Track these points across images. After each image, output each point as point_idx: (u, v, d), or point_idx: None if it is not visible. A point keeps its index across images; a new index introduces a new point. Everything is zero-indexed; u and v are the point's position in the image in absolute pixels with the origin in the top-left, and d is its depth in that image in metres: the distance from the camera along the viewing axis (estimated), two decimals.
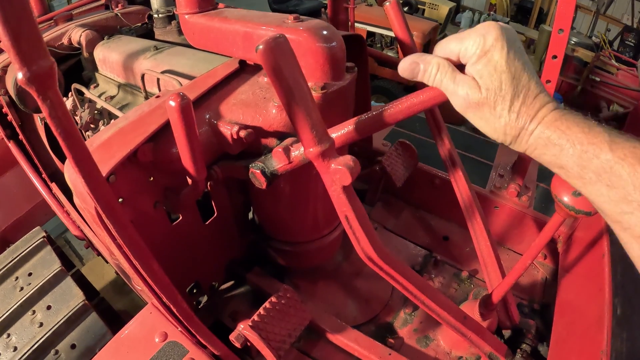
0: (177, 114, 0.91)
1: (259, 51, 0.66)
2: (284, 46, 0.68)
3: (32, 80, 0.63)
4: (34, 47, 0.62)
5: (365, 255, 0.99)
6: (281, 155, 0.96)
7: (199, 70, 1.74)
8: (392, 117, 0.81)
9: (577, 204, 1.02)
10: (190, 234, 1.49)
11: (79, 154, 0.74)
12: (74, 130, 0.71)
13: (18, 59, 0.61)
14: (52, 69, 0.65)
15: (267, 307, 1.33)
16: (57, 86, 0.67)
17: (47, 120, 0.69)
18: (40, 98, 0.66)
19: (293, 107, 0.72)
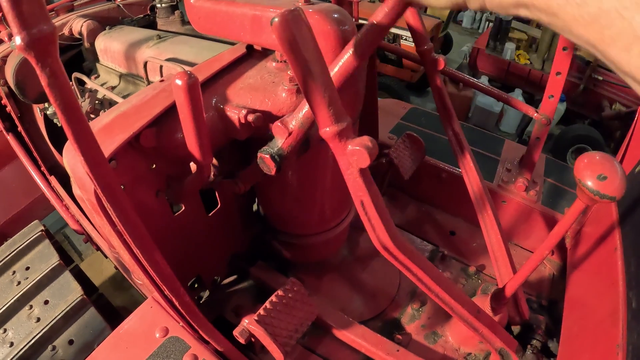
0: (183, 93, 0.86)
1: (274, 24, 0.62)
2: (300, 19, 0.64)
3: (32, 45, 0.58)
4: (34, 10, 0.57)
5: (381, 244, 0.94)
6: (280, 129, 0.91)
7: (203, 58, 1.69)
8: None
9: (602, 188, 0.96)
10: (192, 225, 1.44)
11: (79, 129, 0.69)
12: (75, 103, 0.66)
13: (17, 22, 0.56)
14: (54, 34, 0.60)
15: (274, 300, 1.28)
16: (57, 53, 0.62)
17: (46, 91, 0.64)
18: (39, 65, 0.61)
19: (309, 83, 0.67)
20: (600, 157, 0.97)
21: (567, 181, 2.22)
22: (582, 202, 1.05)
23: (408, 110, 2.60)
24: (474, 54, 6.14)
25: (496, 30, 5.93)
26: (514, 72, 5.92)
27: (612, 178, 0.93)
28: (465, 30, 9.73)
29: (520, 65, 5.81)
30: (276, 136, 0.96)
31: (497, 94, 1.83)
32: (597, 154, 0.98)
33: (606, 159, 0.96)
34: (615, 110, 5.32)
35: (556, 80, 1.71)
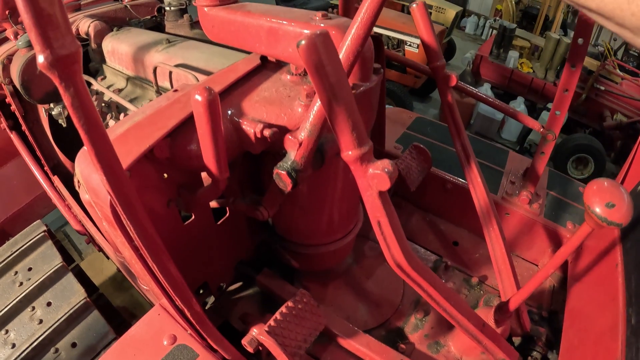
0: (203, 108, 0.86)
1: (301, 47, 0.62)
2: (327, 43, 0.64)
3: (55, 65, 0.56)
4: (59, 27, 0.55)
5: (395, 262, 0.95)
6: (291, 141, 0.93)
7: (214, 65, 1.70)
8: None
9: (610, 215, 0.98)
10: (201, 234, 1.45)
11: (101, 149, 0.69)
12: (98, 123, 0.66)
13: (41, 40, 0.54)
14: (78, 53, 0.58)
15: (284, 311, 1.29)
16: (81, 72, 0.61)
17: (69, 111, 0.63)
18: (63, 85, 0.59)
19: (334, 107, 0.68)
20: (608, 184, 0.99)
21: (570, 194, 2.24)
22: (589, 226, 1.07)
23: (414, 120, 2.61)
24: (477, 61, 6.16)
25: (500, 38, 5.95)
26: (517, 80, 5.94)
27: (619, 206, 0.96)
28: (468, 37, 9.77)
29: (523, 73, 5.84)
30: (288, 150, 0.98)
31: (504, 107, 1.84)
32: (606, 181, 1.00)
33: (614, 187, 0.98)
34: (617, 120, 5.36)
35: (563, 97, 1.72)
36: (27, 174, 3.40)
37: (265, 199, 1.28)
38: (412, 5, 1.33)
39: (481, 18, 9.70)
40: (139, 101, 2.06)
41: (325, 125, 0.93)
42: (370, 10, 0.77)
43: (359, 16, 0.79)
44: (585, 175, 5.20)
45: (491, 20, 9.15)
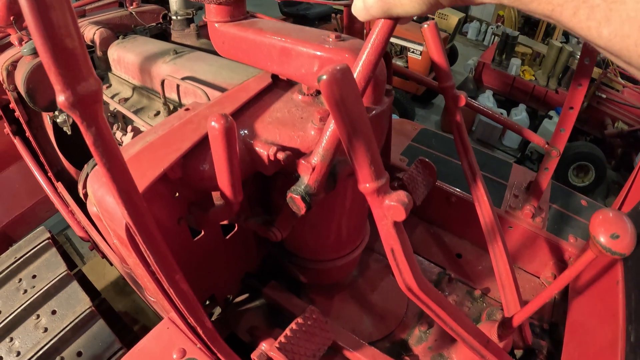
0: (220, 136, 0.87)
1: (323, 82, 0.63)
2: (349, 77, 0.65)
3: (76, 105, 0.55)
4: (79, 66, 0.54)
5: (406, 286, 0.96)
6: (304, 166, 0.95)
7: (222, 79, 1.71)
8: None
9: (614, 246, 1.01)
10: (210, 248, 1.46)
11: (124, 186, 0.69)
12: (121, 161, 0.66)
13: (60, 80, 0.53)
14: (99, 91, 0.57)
15: (294, 328, 1.30)
16: (102, 110, 0.60)
17: (91, 149, 0.62)
18: (85, 124, 0.58)
19: (353, 142, 0.69)
20: (613, 215, 1.02)
21: (572, 207, 2.26)
22: (593, 253, 1.09)
23: (418, 131, 2.63)
24: (480, 68, 6.18)
25: (502, 45, 5.97)
26: (519, 88, 5.97)
27: (623, 237, 0.98)
28: (470, 42, 9.79)
29: (525, 80, 5.86)
30: (301, 174, 0.99)
31: (510, 124, 1.86)
32: (611, 212, 1.03)
33: (619, 218, 1.01)
34: (618, 128, 5.37)
35: (568, 115, 1.74)
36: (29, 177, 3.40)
37: (278, 220, 1.29)
38: (423, 25, 1.35)
39: (483, 24, 9.72)
40: (145, 111, 2.06)
41: (337, 150, 0.94)
42: (381, 35, 0.78)
43: (369, 42, 0.80)
44: (586, 183, 5.21)
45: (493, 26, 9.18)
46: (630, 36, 0.42)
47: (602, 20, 0.44)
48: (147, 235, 0.82)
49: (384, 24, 0.76)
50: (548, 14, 0.50)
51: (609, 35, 0.44)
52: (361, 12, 0.73)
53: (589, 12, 0.45)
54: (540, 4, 0.50)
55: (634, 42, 0.42)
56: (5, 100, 2.98)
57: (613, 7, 0.42)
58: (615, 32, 0.43)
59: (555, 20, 0.51)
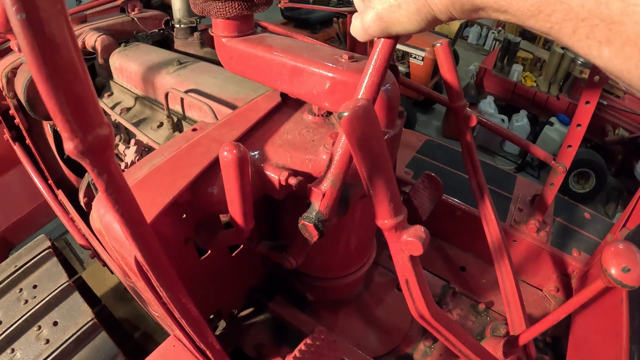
0: (232, 165, 0.86)
1: (344, 119, 0.61)
2: (371, 114, 0.63)
3: (87, 153, 0.51)
4: (88, 112, 0.50)
5: (418, 314, 0.96)
6: (314, 192, 0.94)
7: (228, 93, 1.69)
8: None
9: (625, 279, 1.03)
10: (217, 266, 1.45)
11: (136, 230, 0.67)
12: (134, 204, 0.64)
13: (68, 128, 0.48)
14: (110, 138, 0.53)
15: (302, 349, 1.29)
16: (114, 156, 0.57)
17: (102, 195, 0.59)
18: (96, 171, 0.55)
19: (374, 179, 0.68)
20: (625, 248, 1.03)
21: (576, 221, 2.26)
22: (603, 283, 1.09)
23: (423, 143, 2.62)
24: (481, 73, 6.18)
25: (504, 51, 5.97)
26: (520, 94, 5.96)
27: (634, 270, 1.00)
28: (471, 46, 9.78)
29: (526, 87, 5.86)
30: (312, 201, 0.97)
31: (517, 139, 1.85)
32: (622, 244, 1.04)
33: (631, 251, 1.02)
34: (619, 135, 5.36)
35: (576, 132, 1.74)
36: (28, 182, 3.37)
37: (293, 248, 1.28)
38: (436, 44, 1.33)
39: (484, 28, 9.71)
40: (148, 123, 2.05)
41: (347, 174, 0.93)
42: (382, 55, 0.76)
43: (371, 63, 0.78)
44: (586, 190, 5.21)
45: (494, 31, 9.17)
46: (631, 58, 0.41)
47: (602, 40, 0.43)
48: (158, 270, 0.80)
49: (384, 43, 0.75)
50: (546, 31, 0.50)
51: (609, 56, 0.43)
52: (360, 33, 0.72)
53: (588, 31, 0.44)
54: (538, 21, 0.50)
55: (634, 64, 0.41)
56: (5, 106, 2.95)
57: (612, 28, 0.41)
58: (616, 53, 0.42)
59: (555, 38, 0.50)
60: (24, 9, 0.41)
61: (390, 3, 0.64)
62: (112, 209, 0.60)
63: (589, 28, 0.43)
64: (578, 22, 0.44)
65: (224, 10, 1.18)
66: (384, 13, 0.66)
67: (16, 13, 0.41)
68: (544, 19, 0.48)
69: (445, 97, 1.61)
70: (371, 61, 0.78)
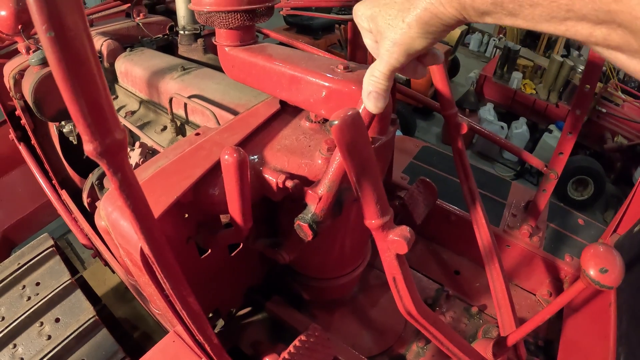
0: (232, 168, 0.92)
1: (334, 127, 0.67)
2: (359, 123, 0.69)
3: (104, 154, 0.58)
4: (106, 119, 0.57)
5: (406, 311, 1.01)
6: (311, 195, 0.99)
7: (230, 98, 1.75)
8: None
9: (602, 280, 1.07)
10: (216, 265, 1.50)
11: (145, 224, 0.74)
12: (144, 201, 0.70)
13: (89, 132, 0.56)
14: (125, 141, 0.60)
15: (297, 345, 1.34)
16: (127, 157, 0.64)
17: (116, 192, 0.66)
18: (111, 171, 0.62)
19: (362, 182, 0.74)
20: (604, 250, 1.06)
21: (569, 226, 2.30)
22: (583, 284, 1.14)
23: (420, 149, 2.68)
24: (481, 81, 6.24)
25: (504, 59, 6.03)
26: (520, 101, 6.02)
27: (612, 271, 1.03)
28: (472, 54, 9.85)
29: (526, 94, 5.91)
30: (308, 203, 1.03)
31: (509, 146, 1.91)
32: (602, 247, 1.08)
33: (609, 253, 1.05)
34: (617, 142, 5.40)
35: (567, 139, 1.79)
36: (32, 182, 3.42)
37: (286, 245, 1.33)
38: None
39: (485, 35, 9.79)
40: (152, 126, 2.10)
41: (343, 180, 0.99)
42: None
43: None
44: (585, 197, 5.25)
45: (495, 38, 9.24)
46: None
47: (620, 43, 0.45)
48: (163, 263, 0.86)
49: None
50: (560, 33, 0.52)
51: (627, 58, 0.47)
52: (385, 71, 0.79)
53: (605, 34, 0.46)
54: (552, 25, 0.52)
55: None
56: (11, 107, 3.00)
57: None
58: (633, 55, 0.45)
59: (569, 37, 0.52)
60: (53, 28, 0.47)
61: (401, 27, 0.68)
62: (124, 205, 0.67)
63: (605, 32, 0.46)
64: (593, 26, 0.47)
65: (226, 21, 1.24)
66: (398, 38, 0.70)
67: (46, 32, 0.47)
68: (558, 23, 0.51)
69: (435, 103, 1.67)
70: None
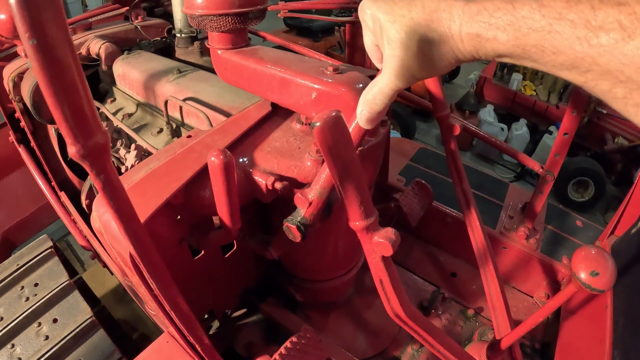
0: (219, 170, 0.92)
1: (316, 129, 0.67)
2: (341, 125, 0.69)
3: (86, 156, 0.60)
4: (88, 122, 0.59)
5: (394, 313, 1.01)
6: (301, 200, 0.99)
7: (224, 101, 1.76)
8: None
9: (593, 283, 1.07)
10: (210, 266, 1.51)
11: (130, 224, 0.74)
12: (127, 201, 0.71)
13: (72, 135, 0.58)
14: (107, 143, 0.62)
15: (288, 346, 1.35)
16: (110, 159, 0.66)
17: (99, 193, 0.68)
18: (94, 172, 0.63)
19: (345, 184, 0.74)
20: (595, 252, 1.06)
21: (567, 228, 2.30)
22: (575, 287, 1.14)
23: (417, 151, 2.68)
24: (481, 82, 6.24)
25: None
26: (520, 103, 6.01)
27: (602, 274, 1.02)
28: None
29: (526, 96, 5.91)
30: (298, 207, 1.03)
31: (505, 147, 1.91)
32: (593, 249, 1.07)
33: (600, 256, 1.05)
34: (618, 144, 5.38)
35: (563, 140, 1.79)
36: (32, 184, 3.44)
37: (274, 242, 1.34)
38: None
39: None
40: (149, 129, 2.11)
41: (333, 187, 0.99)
42: None
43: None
44: (586, 198, 5.23)
45: None
46: None
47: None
48: (150, 264, 0.87)
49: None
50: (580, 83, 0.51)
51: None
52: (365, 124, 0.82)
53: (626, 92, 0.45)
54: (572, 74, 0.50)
55: None
56: (10, 109, 3.02)
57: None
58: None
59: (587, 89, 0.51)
60: (35, 36, 0.49)
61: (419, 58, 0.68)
62: (107, 206, 0.68)
63: (627, 90, 0.45)
64: (616, 83, 0.45)
65: (218, 24, 1.25)
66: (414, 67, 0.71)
67: (29, 39, 0.48)
68: (579, 74, 0.49)
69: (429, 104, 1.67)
70: None
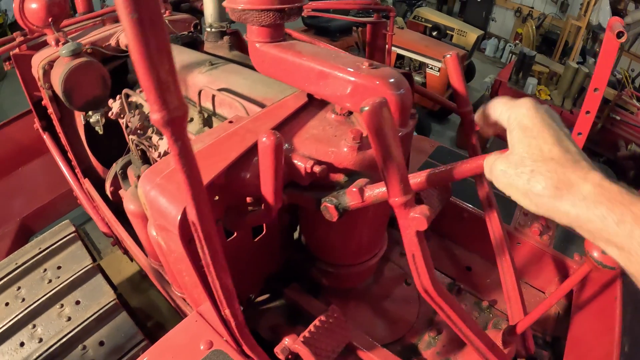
0: (269, 150, 1.00)
1: (365, 112, 0.75)
2: (387, 109, 0.77)
3: (169, 124, 0.66)
4: (173, 93, 0.65)
5: (423, 289, 1.08)
6: (356, 194, 1.06)
7: (257, 93, 1.83)
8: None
9: (605, 260, 1.14)
10: (240, 250, 1.57)
11: (196, 189, 0.82)
12: (196, 169, 0.79)
13: (159, 102, 0.64)
14: (186, 115, 0.69)
15: (317, 324, 1.42)
16: (186, 129, 0.72)
17: (174, 158, 0.74)
18: (173, 139, 0.70)
19: (387, 163, 0.81)
20: None
21: None
22: (589, 267, 1.21)
23: (435, 149, 2.75)
24: (496, 86, 6.26)
25: (519, 64, 6.05)
26: None
27: None
28: (488, 59, 9.87)
29: (540, 100, 5.93)
30: (348, 196, 1.11)
31: None
32: None
33: None
34: (631, 150, 5.39)
35: (585, 119, 1.85)
36: (52, 171, 3.52)
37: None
38: (446, 56, 1.46)
39: (501, 41, 9.80)
40: None
41: None
42: None
43: None
44: None
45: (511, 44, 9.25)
46: None
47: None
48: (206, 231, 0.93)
49: None
50: (615, 257, 0.57)
51: None
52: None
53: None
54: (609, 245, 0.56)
55: None
56: (37, 97, 3.08)
57: None
58: None
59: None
60: (136, 10, 0.55)
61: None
62: (180, 170, 0.75)
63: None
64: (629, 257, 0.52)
65: (259, 19, 1.33)
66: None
67: (129, 14, 0.55)
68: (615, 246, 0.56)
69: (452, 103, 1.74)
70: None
